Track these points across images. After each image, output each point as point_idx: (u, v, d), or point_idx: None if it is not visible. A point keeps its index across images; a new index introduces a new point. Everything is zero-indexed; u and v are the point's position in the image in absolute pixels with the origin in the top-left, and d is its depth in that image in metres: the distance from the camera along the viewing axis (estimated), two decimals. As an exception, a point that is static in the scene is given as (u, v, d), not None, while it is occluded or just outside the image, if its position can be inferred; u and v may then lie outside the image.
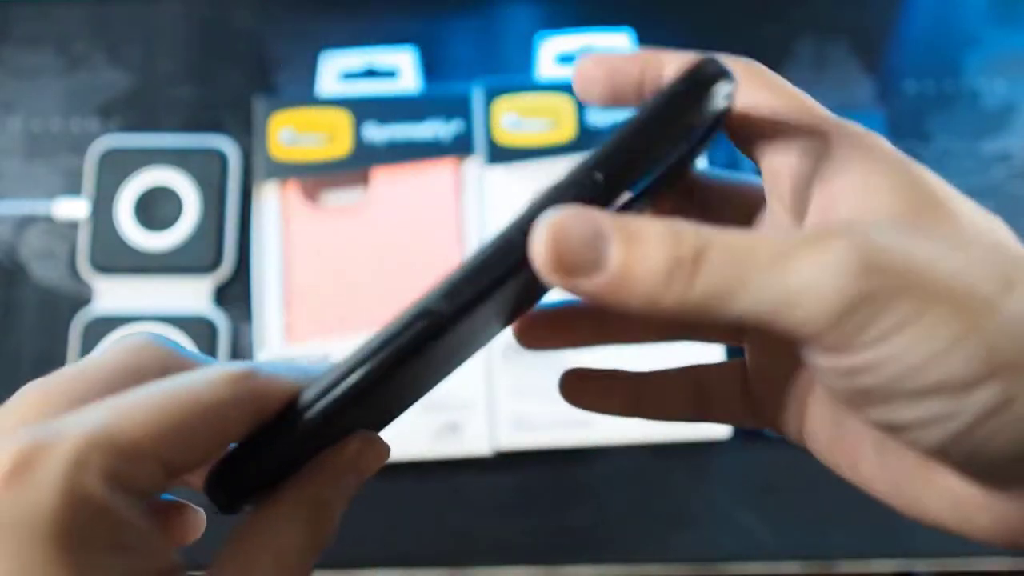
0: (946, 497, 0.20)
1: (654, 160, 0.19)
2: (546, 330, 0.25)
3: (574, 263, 0.17)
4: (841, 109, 0.22)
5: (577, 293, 0.18)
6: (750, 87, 0.21)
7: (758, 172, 0.22)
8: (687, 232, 0.17)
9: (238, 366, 0.19)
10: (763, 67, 0.21)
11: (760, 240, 0.17)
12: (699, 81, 0.19)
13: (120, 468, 0.17)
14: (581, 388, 0.26)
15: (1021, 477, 0.18)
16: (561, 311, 0.26)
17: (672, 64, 0.22)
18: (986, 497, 0.19)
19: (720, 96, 0.19)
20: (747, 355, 0.25)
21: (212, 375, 0.19)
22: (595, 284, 0.17)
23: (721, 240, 0.17)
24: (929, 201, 0.19)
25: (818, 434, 0.23)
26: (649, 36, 0.59)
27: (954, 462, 0.19)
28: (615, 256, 0.17)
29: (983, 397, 0.17)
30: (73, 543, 0.16)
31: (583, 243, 0.17)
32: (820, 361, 0.18)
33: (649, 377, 0.26)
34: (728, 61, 0.20)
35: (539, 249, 0.17)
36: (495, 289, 0.19)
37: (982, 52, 0.60)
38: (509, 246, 0.18)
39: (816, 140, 0.20)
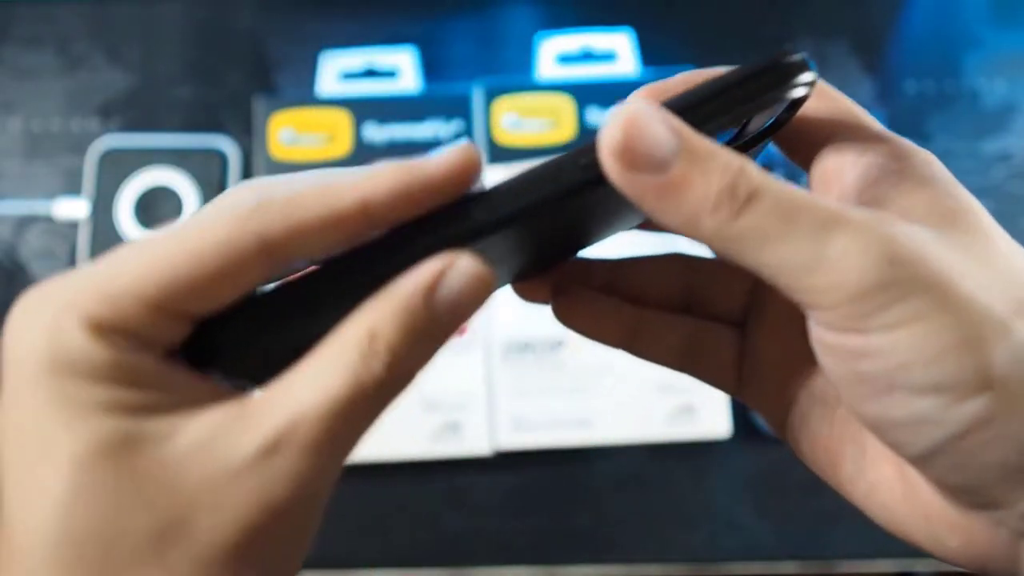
0: (919, 512, 0.20)
1: (728, 123, 0.19)
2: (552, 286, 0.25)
3: (639, 155, 0.17)
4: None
5: (626, 187, 0.18)
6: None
7: (787, 173, 0.22)
8: (751, 170, 0.18)
9: (245, 203, 0.18)
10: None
11: (812, 202, 0.18)
12: (785, 63, 0.19)
13: (103, 314, 0.18)
14: (575, 308, 0.25)
15: (996, 502, 0.18)
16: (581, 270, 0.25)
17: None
18: (958, 517, 0.19)
19: (802, 82, 0.19)
20: (747, 331, 0.25)
21: (221, 216, 0.18)
22: (647, 183, 0.17)
23: (778, 189, 0.18)
24: (966, 219, 0.19)
25: (801, 427, 0.23)
26: (649, 36, 0.59)
27: (936, 473, 0.19)
28: (679, 165, 0.17)
29: (974, 408, 0.17)
30: (54, 376, 0.17)
31: (657, 140, 0.17)
32: (828, 337, 0.18)
33: (648, 316, 0.25)
34: None
35: (612, 130, 0.17)
36: (542, 208, 0.19)
37: (982, 52, 0.60)
38: (558, 170, 0.18)
39: (871, 149, 0.20)
